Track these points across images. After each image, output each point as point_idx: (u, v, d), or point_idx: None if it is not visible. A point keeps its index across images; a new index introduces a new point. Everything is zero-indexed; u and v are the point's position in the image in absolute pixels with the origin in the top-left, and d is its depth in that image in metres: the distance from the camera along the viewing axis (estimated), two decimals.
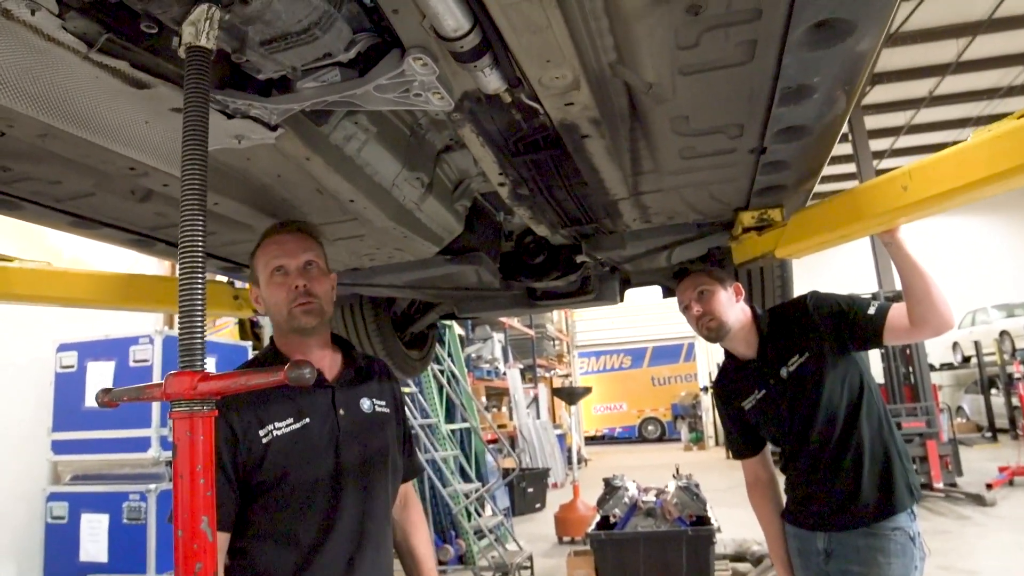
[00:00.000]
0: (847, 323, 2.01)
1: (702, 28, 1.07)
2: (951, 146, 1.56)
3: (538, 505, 9.72)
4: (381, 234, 2.13)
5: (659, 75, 1.21)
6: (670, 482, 5.02)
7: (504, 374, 13.25)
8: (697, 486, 4.85)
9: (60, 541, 4.75)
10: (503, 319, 13.55)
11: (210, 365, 4.21)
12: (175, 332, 5.56)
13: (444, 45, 1.06)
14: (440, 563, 6.19)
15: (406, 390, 6.79)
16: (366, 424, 1.60)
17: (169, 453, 4.61)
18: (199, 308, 0.90)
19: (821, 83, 1.26)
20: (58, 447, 4.94)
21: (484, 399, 11.94)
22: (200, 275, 0.91)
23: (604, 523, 4.95)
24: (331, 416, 1.53)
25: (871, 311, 1.99)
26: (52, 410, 4.95)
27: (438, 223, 2.32)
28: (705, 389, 16.86)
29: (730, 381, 2.24)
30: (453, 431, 7.62)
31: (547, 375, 18.02)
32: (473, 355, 12.09)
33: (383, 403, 1.67)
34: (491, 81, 1.18)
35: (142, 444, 4.68)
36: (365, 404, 1.63)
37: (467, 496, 6.21)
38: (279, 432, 1.46)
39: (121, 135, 1.30)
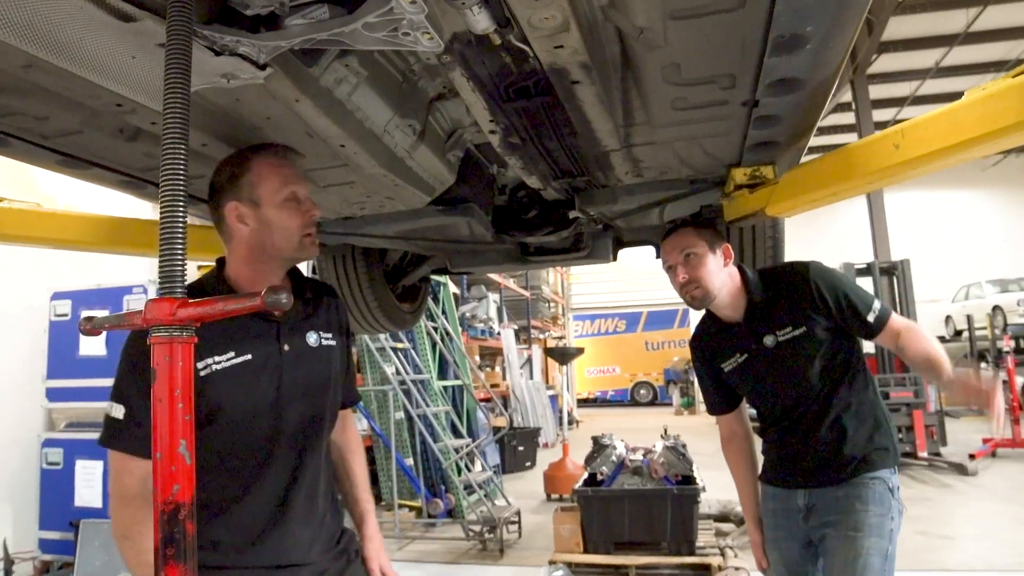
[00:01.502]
0: (843, 314, 1.95)
1: None
2: None
3: (528, 464, 9.87)
4: (372, 181, 2.12)
5: (650, 19, 1.20)
6: (658, 442, 5.10)
7: (498, 334, 13.34)
8: (684, 447, 4.93)
9: (55, 486, 4.83)
10: (498, 279, 13.60)
11: None
12: None
13: None
14: (430, 516, 6.32)
15: (399, 345, 6.84)
16: (310, 358, 1.55)
17: None
18: (179, 236, 0.90)
19: (814, 33, 1.25)
20: (52, 394, 4.99)
21: (478, 358, 12.03)
22: (181, 205, 0.92)
23: (591, 480, 5.04)
24: (275, 351, 1.48)
25: (870, 318, 1.92)
26: (46, 358, 4.99)
27: (430, 172, 2.31)
28: None
29: (711, 340, 2.18)
30: (445, 388, 7.69)
31: (541, 336, 18.14)
32: (468, 314, 12.15)
33: (329, 335, 1.62)
34: (480, 20, 1.16)
35: None
36: (311, 338, 1.57)
37: (457, 451, 6.30)
38: (218, 367, 1.40)
39: (107, 69, 1.28)
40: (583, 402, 22.35)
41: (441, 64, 1.44)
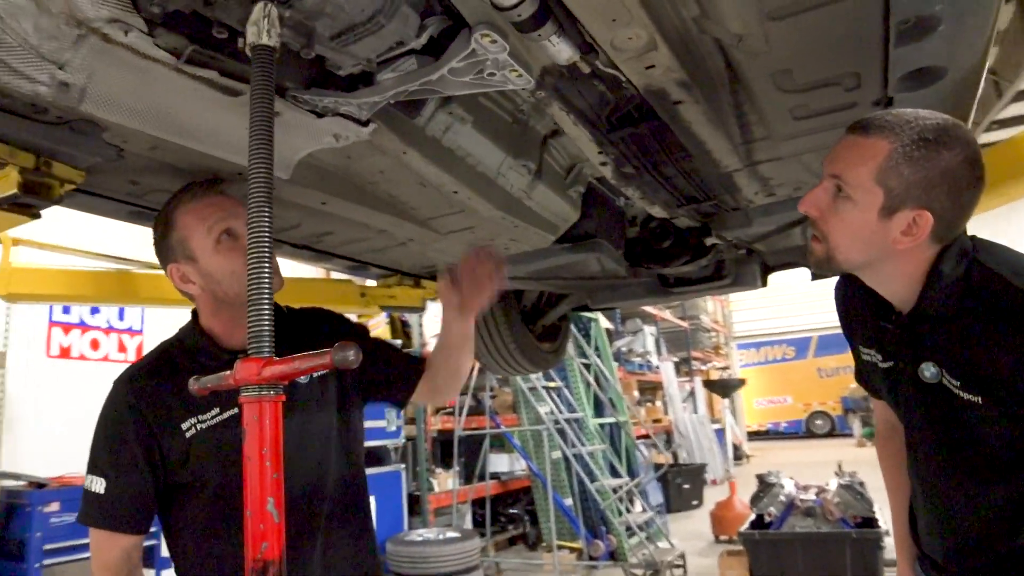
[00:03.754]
0: None
1: None
2: None
3: (695, 502, 9.39)
4: (491, 225, 2.12)
5: (746, 24, 1.09)
6: (831, 480, 4.63)
7: (657, 367, 12.96)
8: (862, 484, 4.43)
9: None
10: (654, 311, 13.26)
11: None
12: None
13: (504, 16, 1.02)
14: (591, 558, 6.16)
15: (551, 384, 6.82)
16: (303, 399, 1.40)
17: None
18: (267, 297, 0.93)
19: (944, 11, 1.08)
20: None
21: (636, 393, 11.73)
22: (267, 266, 0.94)
23: (759, 522, 4.67)
24: None
25: None
26: None
27: (551, 211, 2.28)
28: None
29: (857, 302, 1.40)
30: (602, 425, 7.54)
31: (703, 368, 17.40)
32: (624, 349, 11.93)
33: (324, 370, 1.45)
34: (562, 50, 1.12)
35: None
36: (303, 379, 1.41)
37: (615, 491, 6.11)
38: (203, 425, 1.31)
39: (223, 141, 1.38)
40: (753, 435, 21.05)
41: (536, 100, 1.41)
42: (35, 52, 1.09)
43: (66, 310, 4.52)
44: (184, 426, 1.30)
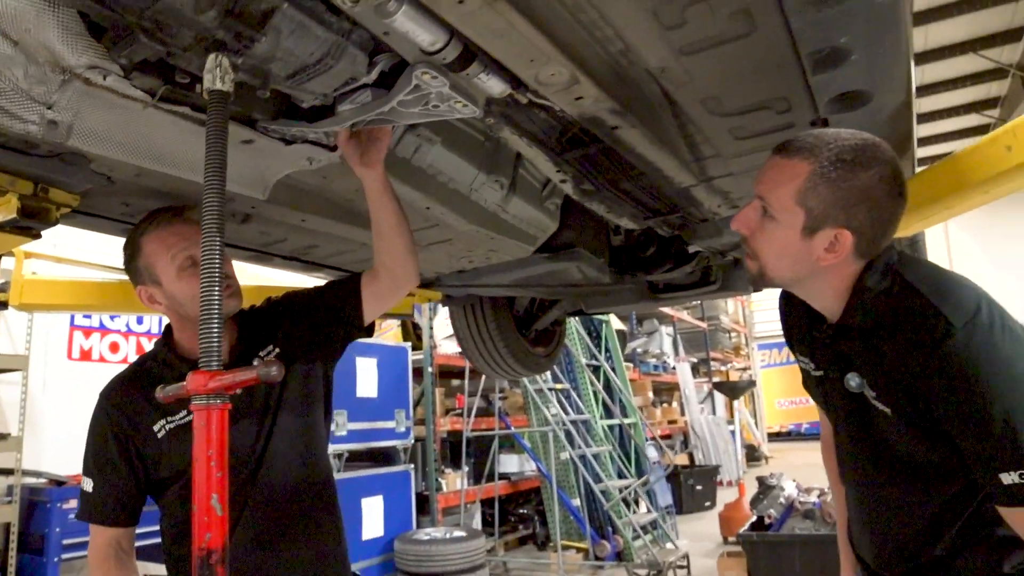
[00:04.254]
0: (970, 443, 1.11)
1: (683, 4, 1.04)
2: None
3: (707, 503, 9.41)
4: (468, 237, 2.23)
5: (662, 59, 1.19)
6: None
7: (674, 369, 12.96)
8: None
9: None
10: (671, 312, 13.24)
11: (371, 365, 4.59)
12: None
13: (433, 58, 1.13)
14: (597, 558, 6.23)
15: (558, 386, 6.91)
16: (261, 392, 1.49)
17: (336, 446, 5.07)
18: (216, 316, 1.04)
19: (851, 43, 1.16)
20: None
21: (651, 394, 11.75)
22: (217, 288, 1.05)
23: (759, 524, 4.72)
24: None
25: (1012, 478, 1.06)
26: None
27: (528, 223, 2.38)
28: None
29: (795, 310, 1.44)
30: (611, 427, 7.60)
31: (723, 368, 17.32)
32: (639, 350, 11.96)
33: (270, 346, 1.55)
34: (493, 85, 1.22)
35: None
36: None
37: (620, 492, 6.18)
38: (172, 424, 1.44)
39: (199, 167, 1.49)
40: (774, 436, 20.88)
41: (487, 125, 1.51)
42: (26, 95, 1.21)
43: (87, 315, 4.74)
44: (155, 428, 1.46)
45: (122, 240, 1.92)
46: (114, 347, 5.06)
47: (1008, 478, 1.05)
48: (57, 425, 4.23)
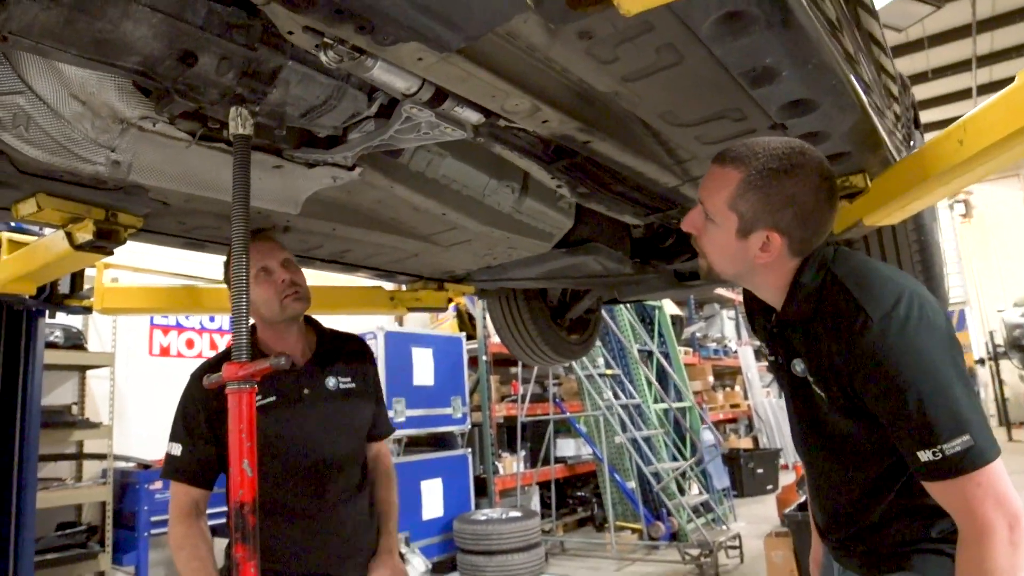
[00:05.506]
0: (888, 419, 1.22)
1: (612, 44, 1.21)
2: None
3: (769, 487, 9.36)
4: (486, 238, 2.44)
5: (609, 86, 1.36)
6: None
7: (736, 352, 12.85)
8: None
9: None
10: (732, 295, 13.11)
11: (427, 355, 4.88)
12: (396, 328, 6.43)
13: (413, 99, 1.34)
14: (651, 539, 6.38)
15: (608, 372, 7.06)
16: (329, 399, 1.85)
17: (396, 432, 5.38)
18: (245, 319, 1.29)
19: (777, 62, 1.30)
20: None
21: (711, 379, 11.71)
22: (245, 296, 1.30)
23: (806, 504, 4.77)
24: (295, 393, 1.81)
25: (928, 454, 1.17)
26: None
27: (543, 221, 2.57)
28: (981, 361, 14.65)
29: (755, 307, 1.55)
30: (665, 411, 7.70)
31: None
32: (699, 334, 11.92)
33: (348, 379, 1.91)
34: (469, 116, 1.43)
35: None
36: (330, 382, 1.87)
37: (669, 474, 6.30)
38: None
39: None
40: None
41: (478, 143, 1.71)
42: (94, 143, 1.49)
43: (164, 315, 5.22)
44: None
45: (184, 251, 2.25)
46: (190, 343, 5.54)
47: (925, 455, 1.17)
48: (141, 415, 4.71)
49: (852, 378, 1.24)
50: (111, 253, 1.86)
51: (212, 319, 5.72)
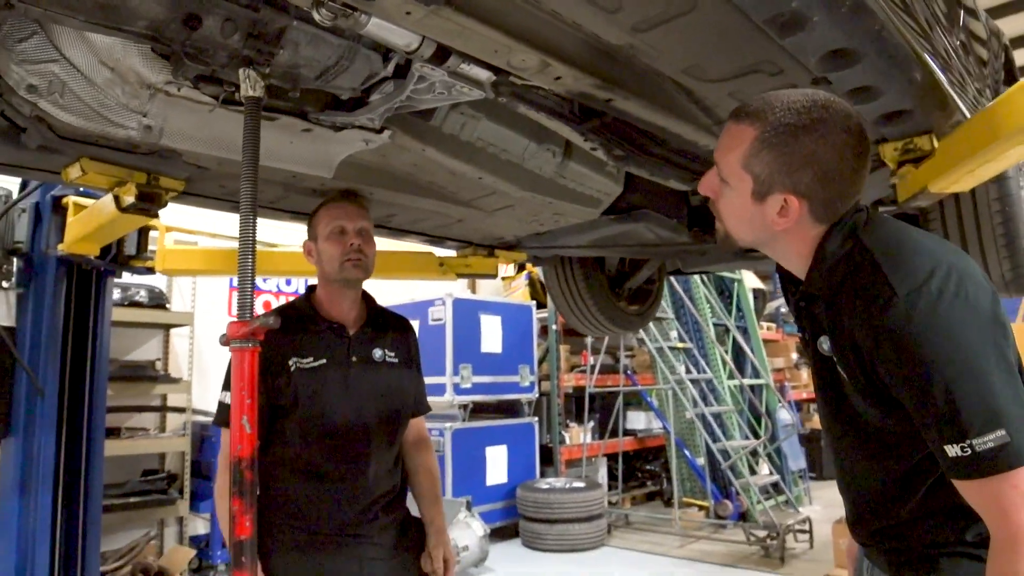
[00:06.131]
0: (915, 408, 1.08)
1: None
2: None
3: None
4: (528, 203, 2.39)
5: (620, 38, 1.28)
6: None
7: None
8: None
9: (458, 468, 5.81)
10: None
11: (495, 323, 4.91)
12: (464, 295, 6.48)
13: (416, 56, 1.31)
14: (719, 517, 6.24)
15: (680, 345, 6.89)
16: (374, 370, 1.89)
17: (461, 398, 5.47)
18: (250, 277, 1.31)
19: (808, 6, 1.18)
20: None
21: (794, 355, 11.24)
22: (251, 258, 1.32)
23: None
24: (344, 359, 1.86)
25: (956, 449, 1.03)
26: None
27: (590, 187, 2.50)
28: None
29: (785, 279, 1.42)
30: (741, 388, 7.46)
31: None
32: (783, 309, 11.45)
33: (393, 355, 1.96)
34: (478, 73, 1.38)
35: (440, 389, 5.65)
36: (377, 353, 1.92)
37: (737, 452, 6.12)
38: (302, 365, 1.81)
39: (275, 154, 1.79)
40: None
41: (500, 103, 1.65)
42: (126, 108, 1.55)
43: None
44: (289, 363, 1.82)
45: (232, 215, 2.32)
46: (267, 306, 5.78)
47: (952, 450, 1.02)
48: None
49: (874, 361, 1.09)
50: (156, 215, 1.94)
51: (288, 282, 5.95)
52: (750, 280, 9.19)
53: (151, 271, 2.60)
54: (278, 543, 1.77)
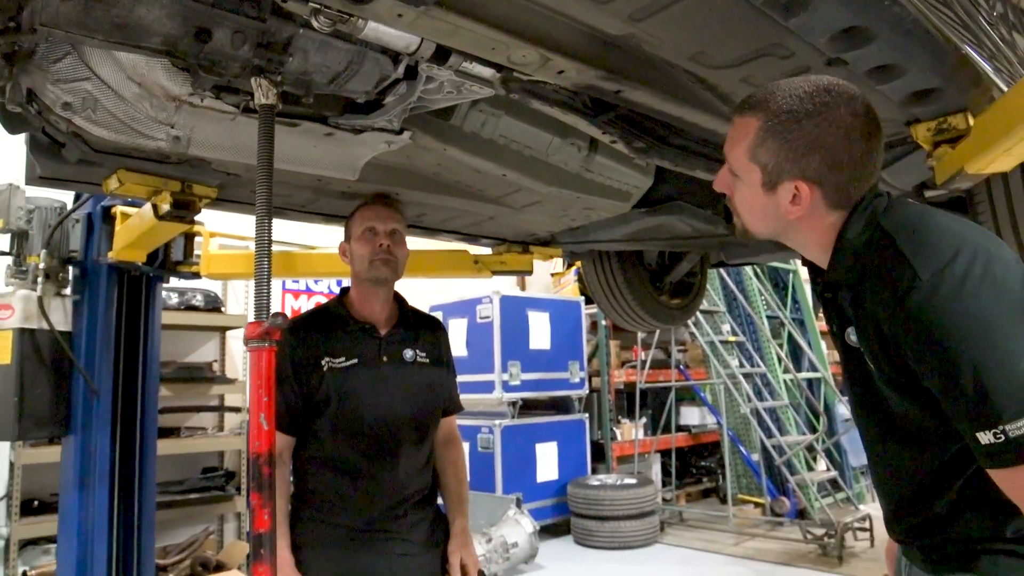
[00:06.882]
0: (943, 394, 1.04)
1: None
2: None
3: None
4: (556, 198, 2.39)
5: (621, 29, 1.27)
6: None
7: None
8: None
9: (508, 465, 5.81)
10: None
11: (543, 319, 4.92)
12: (512, 292, 6.50)
13: (416, 56, 1.33)
14: (775, 514, 6.09)
15: (731, 339, 6.75)
16: (405, 369, 1.93)
17: (510, 395, 5.50)
18: (267, 281, 1.36)
19: None
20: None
21: None
22: (267, 259, 1.37)
23: None
24: (376, 359, 1.90)
25: (988, 436, 0.98)
26: None
27: (618, 180, 2.48)
28: None
29: (811, 266, 1.34)
30: (797, 380, 7.26)
31: None
32: None
33: (424, 355, 1.98)
34: (480, 71, 1.40)
35: (488, 386, 5.69)
36: (408, 354, 1.95)
37: (792, 448, 5.95)
38: (334, 365, 1.86)
39: (287, 158, 1.84)
40: None
41: (511, 99, 1.66)
42: (154, 120, 1.62)
43: (295, 280, 5.64)
44: (323, 363, 1.88)
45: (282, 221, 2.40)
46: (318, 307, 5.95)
47: (985, 437, 0.97)
48: None
49: (900, 348, 1.05)
50: (192, 221, 2.02)
51: (339, 283, 6.10)
52: (807, 271, 8.93)
53: (197, 276, 2.71)
54: (311, 538, 1.83)
